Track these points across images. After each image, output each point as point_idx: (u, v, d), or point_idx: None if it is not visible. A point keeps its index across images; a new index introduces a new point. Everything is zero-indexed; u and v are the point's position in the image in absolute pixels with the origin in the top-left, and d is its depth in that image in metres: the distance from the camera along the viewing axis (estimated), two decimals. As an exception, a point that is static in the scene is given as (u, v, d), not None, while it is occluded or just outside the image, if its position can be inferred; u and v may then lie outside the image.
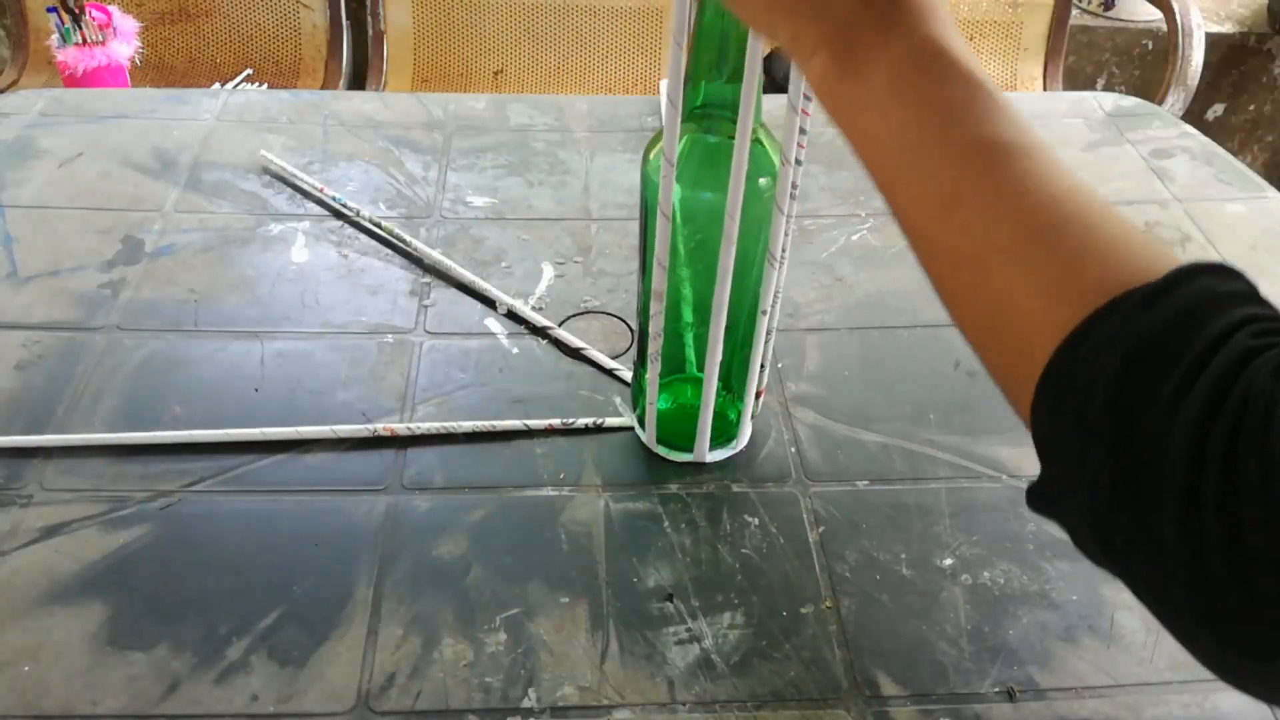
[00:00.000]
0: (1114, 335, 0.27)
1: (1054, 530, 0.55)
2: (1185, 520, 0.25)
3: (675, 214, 0.50)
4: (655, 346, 0.54)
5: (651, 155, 0.50)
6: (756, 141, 0.47)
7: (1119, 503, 0.27)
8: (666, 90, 0.47)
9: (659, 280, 0.51)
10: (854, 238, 0.78)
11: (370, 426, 0.60)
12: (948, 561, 0.55)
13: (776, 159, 0.49)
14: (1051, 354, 0.28)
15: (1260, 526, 0.24)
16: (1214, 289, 0.27)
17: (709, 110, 0.48)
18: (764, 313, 0.53)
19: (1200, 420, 0.25)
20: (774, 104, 0.53)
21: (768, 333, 0.55)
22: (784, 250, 0.51)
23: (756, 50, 0.44)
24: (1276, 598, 0.24)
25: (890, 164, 0.35)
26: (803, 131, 0.46)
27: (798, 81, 0.45)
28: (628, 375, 0.65)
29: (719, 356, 0.53)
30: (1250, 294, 0.28)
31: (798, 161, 0.47)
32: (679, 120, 0.46)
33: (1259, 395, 0.25)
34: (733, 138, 0.45)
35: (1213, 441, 0.25)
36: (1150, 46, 1.94)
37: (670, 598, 0.52)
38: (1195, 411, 0.25)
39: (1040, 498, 0.31)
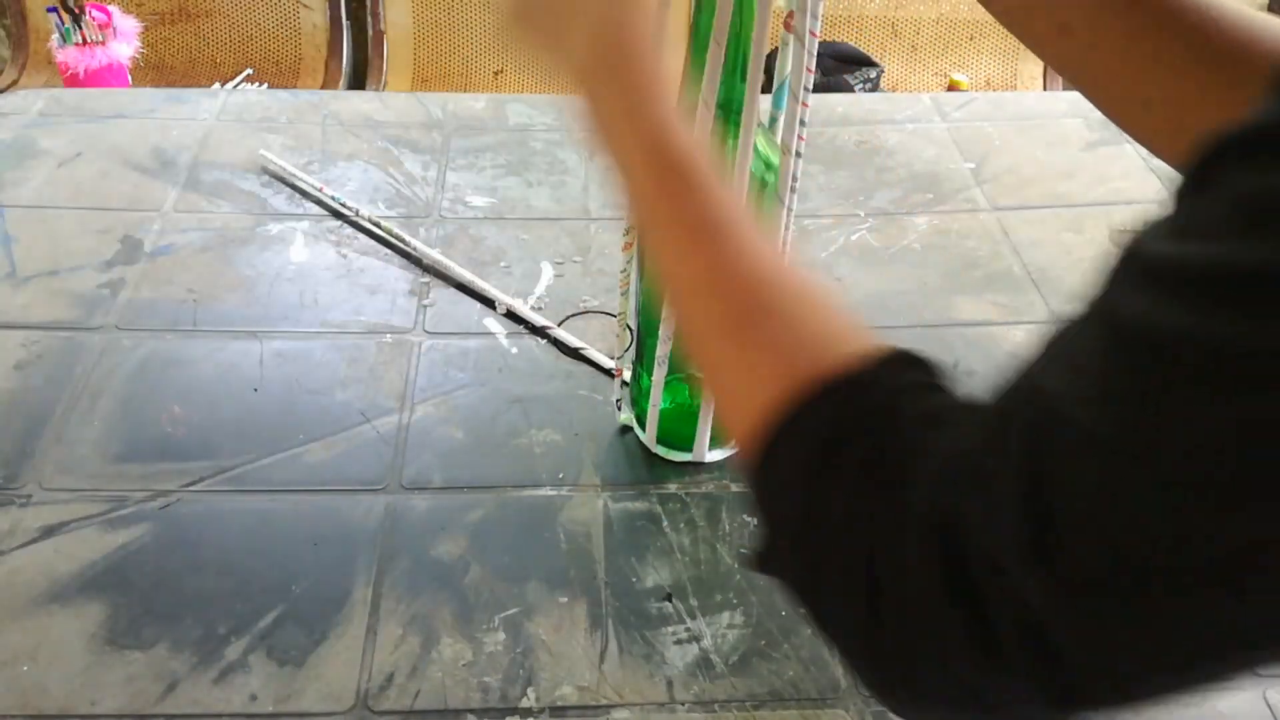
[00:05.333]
0: (809, 432, 0.30)
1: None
2: (862, 628, 0.28)
3: None
4: (664, 350, 0.54)
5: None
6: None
7: (809, 586, 0.30)
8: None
9: None
10: (853, 237, 0.78)
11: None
12: (947, 561, 0.55)
13: (775, 156, 0.48)
14: (762, 435, 0.30)
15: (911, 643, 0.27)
16: (902, 383, 0.30)
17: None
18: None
19: (867, 549, 0.27)
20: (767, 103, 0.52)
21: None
22: (785, 246, 0.51)
23: (761, 48, 0.44)
24: (933, 685, 0.27)
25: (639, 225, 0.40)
26: (802, 123, 0.46)
27: (799, 71, 0.44)
28: (627, 374, 0.65)
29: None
30: (931, 385, 0.30)
31: (798, 154, 0.47)
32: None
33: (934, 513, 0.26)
34: (729, 139, 0.45)
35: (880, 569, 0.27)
36: (1150, 46, 1.94)
37: (669, 597, 0.52)
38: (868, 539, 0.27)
39: (757, 557, 0.33)
